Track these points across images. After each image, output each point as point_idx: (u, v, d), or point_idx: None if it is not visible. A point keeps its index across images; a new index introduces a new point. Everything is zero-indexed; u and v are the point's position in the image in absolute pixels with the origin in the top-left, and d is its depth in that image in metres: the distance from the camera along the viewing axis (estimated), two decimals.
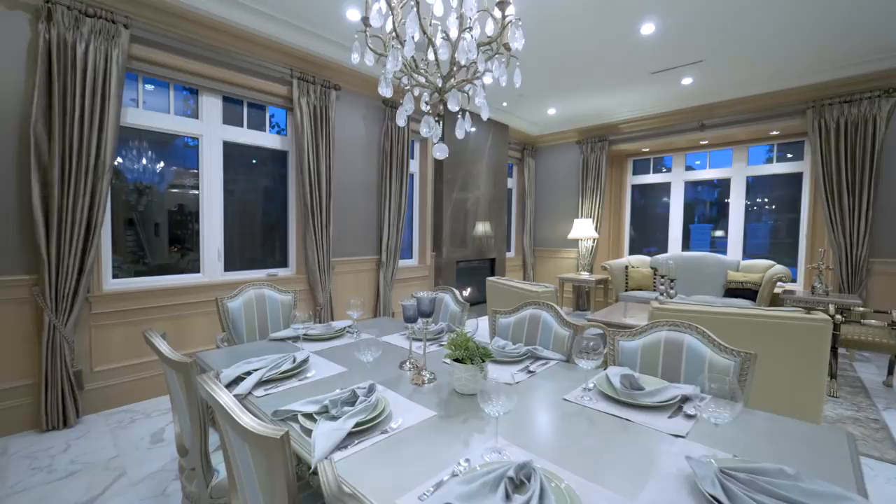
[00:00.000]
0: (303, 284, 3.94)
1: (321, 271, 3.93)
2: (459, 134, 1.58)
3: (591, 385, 1.43)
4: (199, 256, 3.42)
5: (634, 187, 6.42)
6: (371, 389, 1.29)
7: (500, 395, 1.03)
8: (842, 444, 1.07)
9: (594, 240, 5.98)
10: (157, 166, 3.41)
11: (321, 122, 3.82)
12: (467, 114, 1.65)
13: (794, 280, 5.05)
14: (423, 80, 1.51)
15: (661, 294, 4.15)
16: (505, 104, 5.35)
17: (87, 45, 2.60)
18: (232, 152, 3.58)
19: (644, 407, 1.26)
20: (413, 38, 1.30)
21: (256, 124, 3.73)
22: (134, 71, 2.95)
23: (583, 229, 5.73)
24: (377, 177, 4.49)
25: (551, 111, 5.61)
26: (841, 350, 4.34)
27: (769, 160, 5.25)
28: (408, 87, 1.52)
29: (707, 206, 5.93)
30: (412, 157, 5.05)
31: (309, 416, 1.17)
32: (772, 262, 4.70)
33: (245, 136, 3.61)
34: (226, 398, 0.94)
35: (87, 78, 2.60)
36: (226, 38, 3.23)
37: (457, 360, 1.39)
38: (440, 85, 1.48)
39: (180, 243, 3.47)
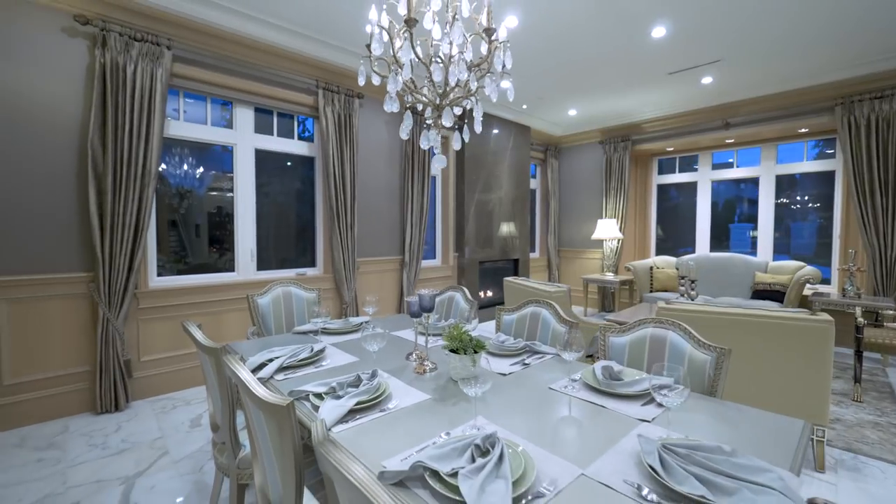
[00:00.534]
0: (329, 283, 4.17)
1: (346, 271, 4.15)
2: (456, 145, 1.71)
3: (577, 376, 1.54)
4: (234, 256, 3.71)
5: (661, 187, 6.33)
6: (374, 375, 1.45)
7: (478, 379, 1.16)
8: (794, 433, 1.14)
9: (619, 240, 5.95)
10: (197, 171, 3.72)
11: (345, 129, 4.04)
12: (465, 127, 1.78)
13: (826, 282, 4.88)
14: (423, 97, 1.65)
15: (682, 295, 4.13)
16: (525, 107, 5.43)
17: (136, 66, 2.91)
18: (264, 158, 3.86)
19: (620, 395, 1.36)
20: (411, 62, 1.45)
21: (286, 132, 4.00)
22: (175, 87, 3.25)
23: (606, 230, 5.72)
24: (399, 180, 4.68)
25: (572, 112, 5.64)
26: (876, 355, 4.17)
27: (817, 156, 4.98)
28: (409, 105, 1.67)
29: (746, 203, 5.70)
30: (440, 164, 5.20)
31: (318, 395, 1.34)
32: (801, 264, 4.56)
33: (275, 143, 3.88)
34: (246, 375, 1.12)
35: (136, 96, 2.91)
36: (257, 54, 3.50)
37: (453, 351, 1.52)
38: (438, 102, 1.62)
39: (219, 244, 3.77)
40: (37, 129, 2.68)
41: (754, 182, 5.44)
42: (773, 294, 4.50)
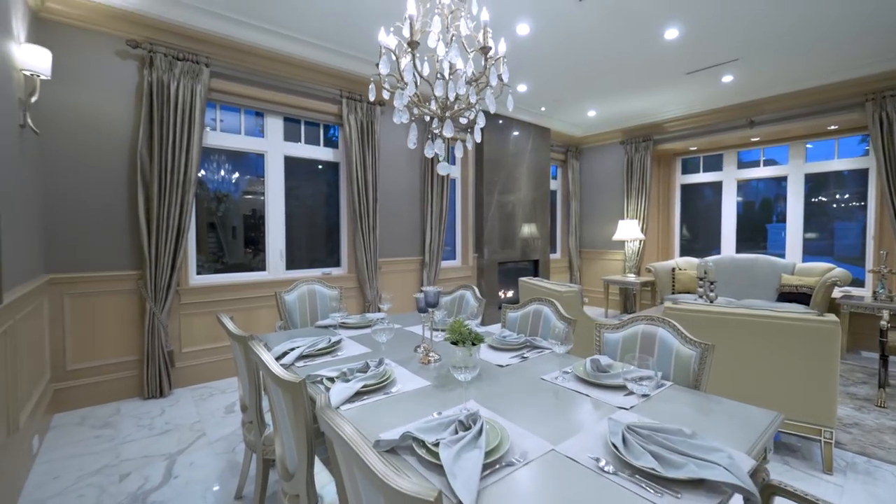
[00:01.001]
0: (353, 283, 4.39)
1: (369, 270, 4.36)
2: (459, 153, 1.85)
3: (569, 369, 1.65)
4: (265, 256, 3.99)
5: (687, 187, 6.24)
6: (380, 363, 1.61)
7: (469, 366, 1.30)
8: (763, 423, 1.22)
9: (640, 241, 5.91)
10: (233, 177, 4.03)
11: (367, 136, 4.25)
12: (469, 136, 1.92)
13: (861, 284, 4.70)
14: (428, 109, 1.81)
15: (701, 296, 4.11)
16: (543, 109, 5.50)
17: (178, 83, 3.20)
18: (293, 164, 4.13)
19: (604, 385, 1.46)
20: (414, 79, 1.61)
21: (313, 139, 4.25)
22: (213, 100, 3.55)
23: (628, 230, 5.70)
24: (420, 183, 4.86)
25: (591, 113, 5.66)
26: None
27: (865, 152, 4.71)
28: (415, 117, 1.82)
29: (785, 202, 5.37)
30: (453, 164, 5.37)
31: (331, 379, 1.51)
32: (830, 265, 4.42)
33: (302, 150, 4.14)
34: (267, 357, 1.31)
35: (178, 110, 3.20)
36: (285, 67, 3.76)
37: (454, 343, 1.67)
38: (441, 114, 1.76)
39: (253, 244, 4.06)
40: (95, 143, 3.01)
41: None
42: (799, 296, 4.39)
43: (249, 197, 4.07)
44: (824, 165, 4.95)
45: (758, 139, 5.23)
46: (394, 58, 1.66)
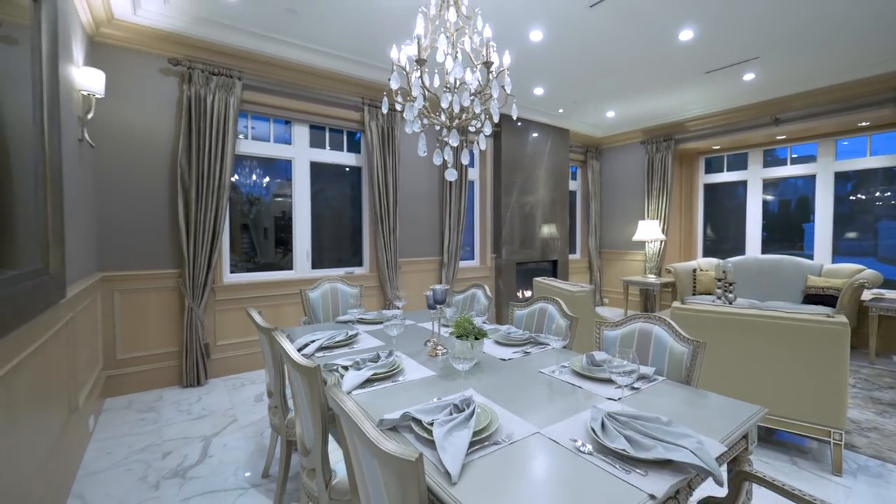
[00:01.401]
0: (374, 281, 4.59)
1: (389, 270, 4.55)
2: (465, 160, 1.98)
3: (567, 363, 1.75)
4: (292, 256, 4.24)
5: (712, 186, 6.12)
6: (390, 354, 1.76)
7: (464, 357, 1.43)
8: (743, 415, 1.29)
9: (662, 242, 5.86)
10: (264, 181, 4.30)
11: (388, 141, 4.43)
12: (475, 145, 2.04)
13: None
14: (436, 120, 1.95)
15: (719, 298, 4.09)
16: (561, 111, 5.54)
17: (214, 96, 3.47)
18: (319, 168, 4.36)
19: (596, 378, 1.56)
20: (423, 94, 1.75)
21: (337, 145, 4.47)
22: (245, 111, 3.81)
23: (648, 231, 5.67)
24: (438, 186, 5.01)
25: (610, 114, 5.66)
26: None
27: None
28: (423, 127, 1.96)
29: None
30: (471, 166, 5.49)
31: (345, 367, 1.67)
32: (860, 267, 4.28)
33: (327, 156, 4.37)
34: (288, 346, 1.48)
35: (213, 121, 3.47)
36: (311, 78, 3.99)
37: (458, 337, 1.80)
38: (449, 124, 1.90)
39: (283, 245, 4.32)
40: (141, 153, 3.31)
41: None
42: (826, 298, 4.28)
43: (279, 199, 4.33)
44: (856, 163, 4.78)
45: (784, 137, 5.10)
46: (404, 73, 1.81)
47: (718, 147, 5.75)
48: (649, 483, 0.97)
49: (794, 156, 5.31)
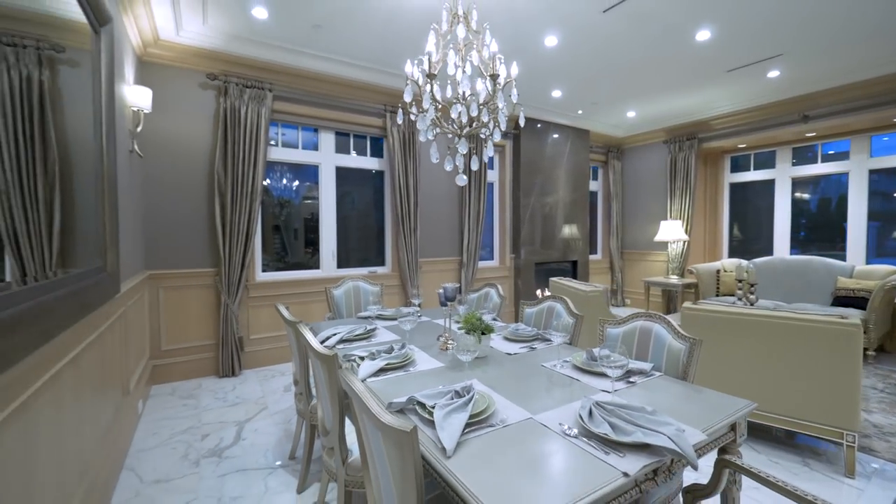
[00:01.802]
0: (396, 280, 4.77)
1: (410, 270, 4.72)
2: (474, 166, 2.11)
3: (569, 358, 1.85)
4: (319, 256, 4.47)
5: (739, 185, 5.99)
6: (403, 346, 1.91)
7: (469, 349, 1.56)
8: (730, 408, 1.36)
9: (685, 242, 5.78)
10: (294, 184, 4.56)
11: (409, 146, 4.60)
12: (483, 151, 2.16)
13: None
14: (448, 129, 2.08)
15: (740, 299, 4.05)
16: (580, 112, 5.56)
17: (247, 107, 3.73)
18: (345, 172, 4.58)
19: (594, 373, 1.66)
20: (435, 106, 1.89)
21: (360, 150, 4.68)
22: (275, 120, 4.07)
23: (670, 231, 5.61)
24: (458, 188, 5.14)
25: (630, 114, 5.63)
26: None
27: None
28: (435, 136, 2.10)
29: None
30: (491, 168, 5.59)
31: (362, 357, 1.84)
32: (894, 268, 4.13)
33: (351, 161, 4.58)
34: (310, 336, 1.65)
35: (247, 131, 3.73)
36: (336, 88, 4.20)
37: (467, 332, 1.93)
38: (459, 132, 2.03)
39: (312, 245, 4.57)
40: (182, 162, 3.60)
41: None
42: (856, 301, 4.15)
43: (308, 202, 4.57)
44: (892, 160, 4.59)
45: (813, 134, 4.95)
46: (417, 87, 1.96)
47: (744, 145, 5.62)
48: (625, 463, 1.07)
49: (833, 152, 5.10)
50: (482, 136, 2.24)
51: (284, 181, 4.57)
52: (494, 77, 1.90)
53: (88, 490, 1.72)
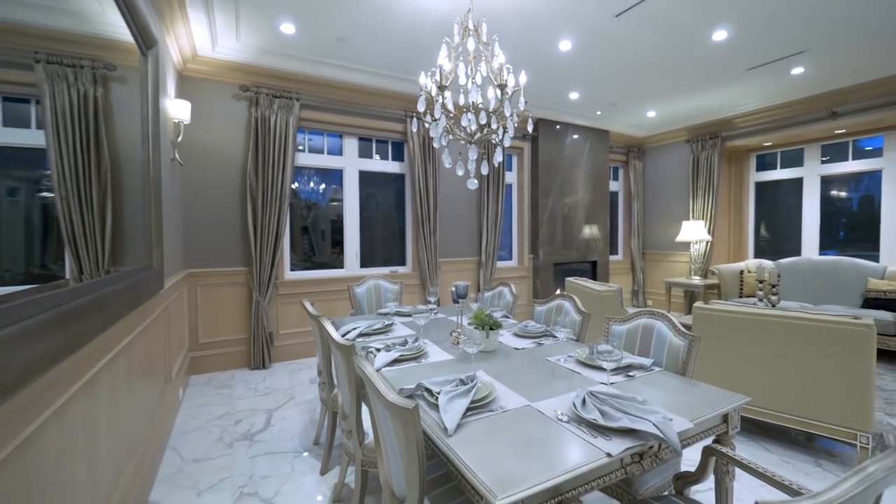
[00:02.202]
0: (416, 280, 4.93)
1: (430, 269, 4.87)
2: (484, 170, 2.22)
3: (573, 354, 1.95)
4: (343, 256, 4.69)
5: (763, 184, 5.85)
6: (416, 340, 2.05)
7: (473, 341, 1.69)
8: (722, 402, 1.43)
9: (707, 243, 5.70)
10: (320, 187, 4.79)
11: (428, 150, 4.76)
12: (495, 154, 2.28)
13: None
14: (460, 136, 2.21)
15: (760, 300, 4.00)
16: (599, 113, 5.57)
17: (276, 116, 3.97)
18: (368, 175, 4.78)
19: (594, 366, 1.75)
20: (446, 115, 2.03)
21: (382, 154, 4.87)
22: (302, 127, 4.30)
23: (692, 231, 5.54)
24: (477, 190, 5.26)
25: (651, 114, 5.60)
26: None
27: None
28: (449, 141, 2.23)
29: None
30: (509, 170, 5.68)
31: (378, 349, 1.99)
32: None
33: (374, 165, 4.78)
34: (331, 329, 1.81)
35: (276, 138, 3.97)
36: (359, 96, 4.40)
37: (477, 328, 2.05)
38: (470, 139, 2.16)
39: (339, 245, 4.79)
40: (218, 169, 3.87)
41: None
42: (888, 303, 4.01)
43: (335, 204, 4.80)
44: None
45: (843, 131, 4.80)
46: (431, 97, 2.10)
47: (770, 143, 5.49)
48: (610, 445, 1.17)
49: (871, 148, 4.89)
50: (493, 141, 2.36)
51: (311, 184, 4.81)
52: (502, 87, 2.02)
53: (138, 463, 1.94)
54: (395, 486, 1.31)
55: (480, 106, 2.05)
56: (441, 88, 2.04)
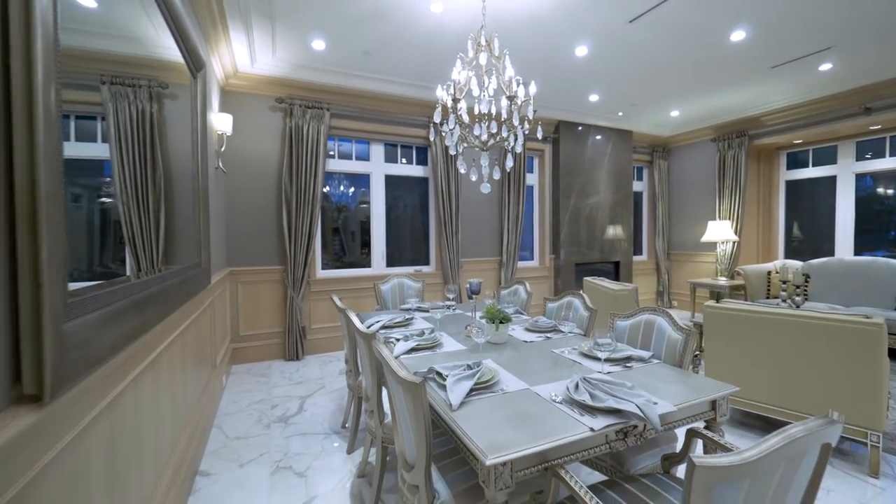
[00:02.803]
0: (439, 279, 5.14)
1: (452, 269, 5.06)
2: (496, 176, 2.39)
3: (577, 346, 2.09)
4: (370, 256, 4.95)
5: (795, 183, 5.69)
6: (432, 331, 2.25)
7: (482, 331, 1.86)
8: (709, 390, 1.55)
9: (734, 243, 5.61)
10: (350, 191, 5.07)
11: (450, 155, 4.93)
12: (506, 160, 2.45)
13: None
14: (474, 143, 2.39)
15: (784, 301, 3.97)
16: (620, 114, 5.60)
17: (308, 125, 4.27)
18: (394, 179, 5.02)
19: (594, 357, 1.89)
20: (461, 125, 2.21)
21: (407, 159, 5.10)
22: (332, 135, 4.58)
23: (718, 232, 5.47)
24: (498, 192, 5.41)
25: (674, 113, 5.57)
26: None
27: None
28: (464, 148, 2.41)
29: None
30: (530, 172, 5.79)
31: (398, 339, 2.19)
32: None
33: (399, 169, 5.02)
34: (356, 320, 2.03)
35: (308, 146, 4.26)
36: (384, 104, 4.65)
37: (488, 321, 2.23)
38: (483, 147, 2.34)
39: (367, 246, 5.06)
40: (256, 175, 4.21)
41: None
42: None
43: (363, 206, 5.07)
44: None
45: (879, 127, 4.64)
46: (446, 109, 2.29)
47: (800, 141, 5.35)
48: (594, 422, 1.32)
49: None
50: (506, 147, 2.52)
51: (342, 188, 5.10)
52: (511, 98, 2.18)
53: (190, 436, 2.23)
54: (408, 454, 1.50)
55: (493, 115, 2.22)
56: (455, 101, 2.22)
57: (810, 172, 5.49)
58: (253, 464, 2.41)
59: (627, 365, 1.85)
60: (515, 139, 2.39)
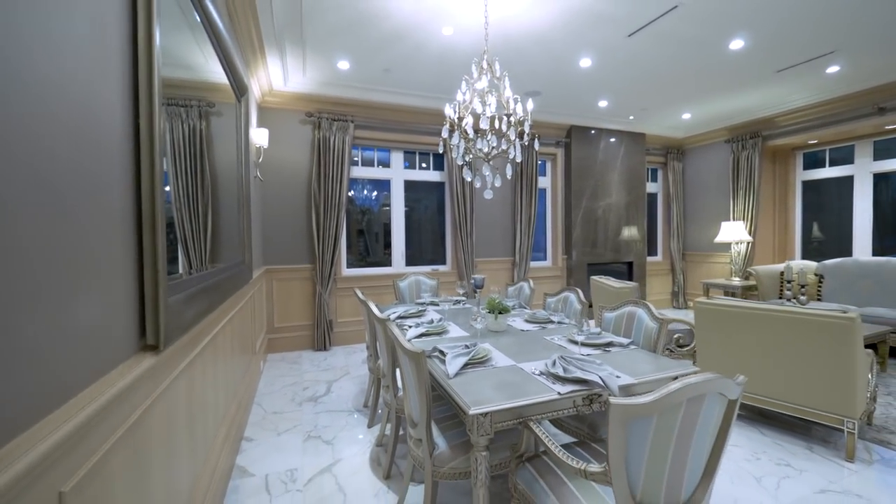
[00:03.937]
0: (454, 277, 5.46)
1: (467, 268, 5.38)
2: (497, 183, 2.69)
3: (566, 334, 2.37)
4: (391, 256, 5.33)
5: (813, 183, 5.70)
6: (441, 321, 2.57)
7: (481, 319, 2.18)
8: (672, 370, 1.80)
9: (748, 243, 5.67)
10: (373, 195, 5.47)
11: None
12: (507, 168, 2.75)
13: None
14: (480, 154, 2.71)
15: (789, 300, 4.09)
16: (631, 118, 5.76)
17: (334, 136, 4.68)
18: (413, 184, 5.39)
19: (578, 343, 2.17)
20: (465, 139, 2.53)
21: (426, 163, 5.46)
22: (356, 145, 4.99)
23: (732, 232, 5.55)
24: (511, 194, 5.69)
25: (685, 116, 5.69)
26: None
27: None
28: (468, 160, 2.73)
29: None
30: (542, 175, 6.04)
31: (410, 326, 2.53)
32: None
33: (417, 175, 5.38)
34: (375, 308, 2.38)
35: (334, 155, 4.68)
36: (403, 115, 5.02)
37: (489, 312, 2.54)
38: (485, 158, 2.65)
39: (389, 246, 5.44)
40: (289, 182, 4.66)
41: None
42: None
43: (386, 209, 5.46)
44: None
45: (894, 126, 4.64)
46: (452, 125, 2.62)
47: (816, 141, 5.37)
48: (562, 389, 1.62)
49: None
50: (510, 156, 2.82)
51: (365, 192, 5.51)
52: (509, 116, 2.49)
53: (237, 407, 2.64)
54: (414, 414, 1.83)
55: (494, 129, 2.53)
56: (460, 119, 2.55)
57: (827, 172, 5.50)
58: (288, 433, 2.80)
59: (607, 349, 2.12)
60: (515, 151, 2.69)
